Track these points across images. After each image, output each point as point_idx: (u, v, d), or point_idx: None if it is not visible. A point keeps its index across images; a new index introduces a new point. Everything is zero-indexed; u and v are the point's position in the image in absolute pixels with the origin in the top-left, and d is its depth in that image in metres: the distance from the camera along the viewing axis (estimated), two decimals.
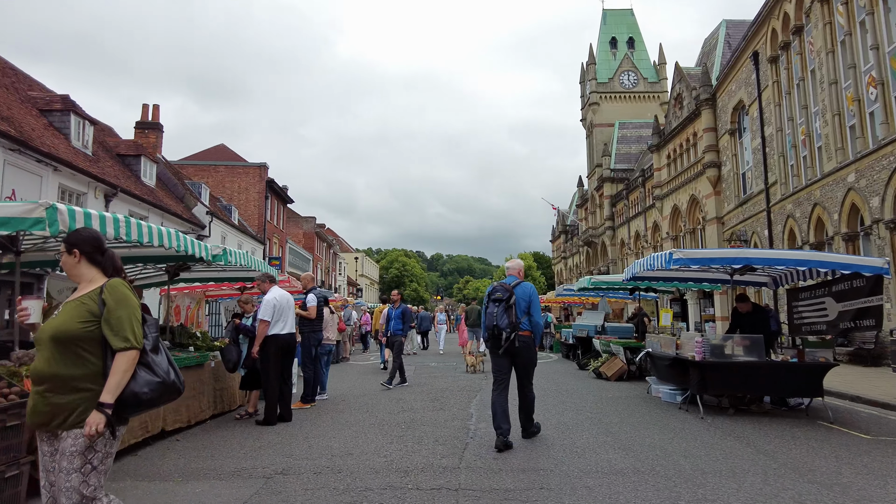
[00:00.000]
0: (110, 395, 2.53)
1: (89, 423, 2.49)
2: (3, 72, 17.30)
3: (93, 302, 2.65)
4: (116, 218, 5.00)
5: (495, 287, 6.34)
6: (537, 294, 6.37)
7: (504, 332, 6.01)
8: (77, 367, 2.57)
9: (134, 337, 2.60)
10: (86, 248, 2.78)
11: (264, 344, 7.29)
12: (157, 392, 2.66)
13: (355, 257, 77.44)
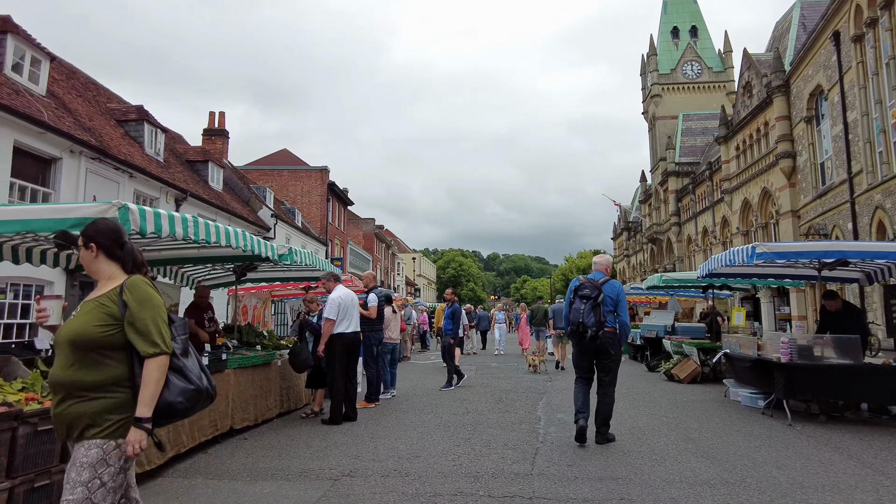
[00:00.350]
0: (147, 407, 2.28)
1: (130, 441, 2.26)
2: (86, 86, 18.31)
3: (112, 303, 2.38)
4: (185, 218, 5.04)
5: (582, 283, 6.13)
6: (625, 293, 6.10)
7: (590, 330, 5.85)
8: (97, 373, 2.32)
9: (163, 340, 2.35)
10: (104, 241, 2.52)
11: (330, 342, 7.28)
12: (192, 400, 2.41)
13: (413, 257, 78.09)
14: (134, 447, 2.26)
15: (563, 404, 8.56)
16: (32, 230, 4.17)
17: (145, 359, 2.32)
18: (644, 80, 53.20)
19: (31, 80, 13.04)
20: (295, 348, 7.61)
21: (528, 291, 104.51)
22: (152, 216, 4.55)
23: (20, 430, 3.68)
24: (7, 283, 11.44)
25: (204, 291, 8.65)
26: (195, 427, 5.64)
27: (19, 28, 12.85)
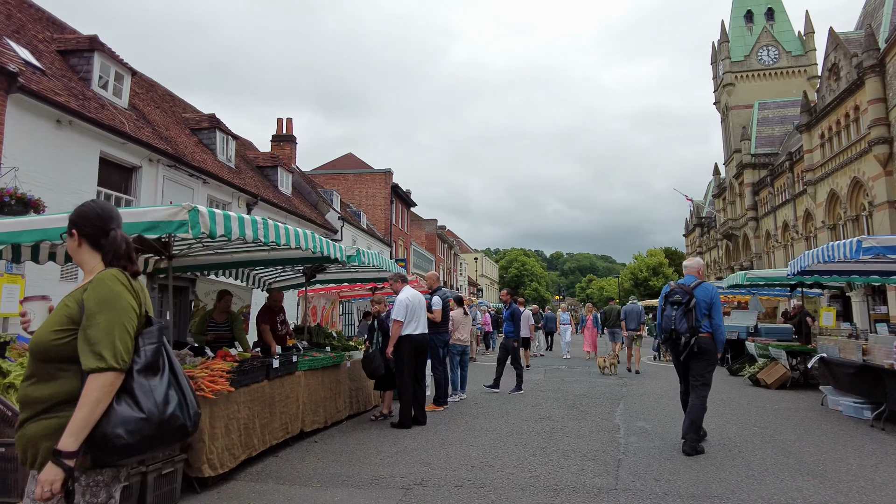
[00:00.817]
0: (72, 438, 1.76)
1: (40, 480, 1.76)
2: (163, 98, 19.21)
3: (75, 303, 1.94)
4: (255, 220, 5.00)
5: (673, 288, 6.04)
6: (719, 296, 5.74)
7: (683, 337, 5.71)
8: (48, 388, 1.88)
9: (113, 353, 1.82)
10: (87, 228, 2.07)
11: (398, 344, 7.15)
12: (137, 434, 1.81)
13: (475, 257, 77.87)
14: (42, 489, 1.75)
15: (642, 411, 8.08)
16: None
17: (87, 375, 1.81)
18: (715, 69, 50.66)
19: (115, 94, 13.72)
20: (369, 355, 7.52)
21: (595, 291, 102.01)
22: (222, 218, 4.52)
23: None
24: None
25: (278, 295, 8.73)
26: (266, 430, 5.62)
27: (105, 46, 13.56)
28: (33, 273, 10.27)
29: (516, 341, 10.85)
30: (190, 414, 1.97)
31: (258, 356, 6.17)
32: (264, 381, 5.70)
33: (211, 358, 5.57)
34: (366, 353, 7.66)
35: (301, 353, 6.98)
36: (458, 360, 9.91)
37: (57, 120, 10.87)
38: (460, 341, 10.03)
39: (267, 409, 5.66)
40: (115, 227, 2.12)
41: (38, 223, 4.33)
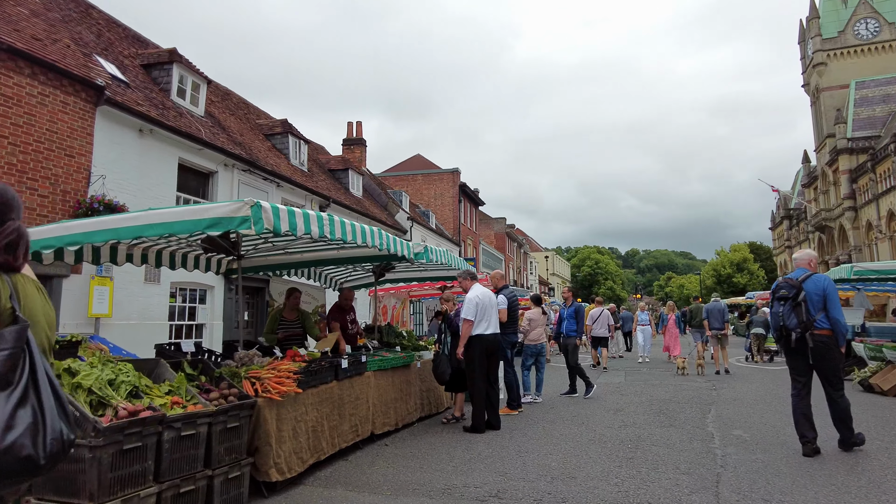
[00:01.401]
0: None
1: None
2: (238, 105, 19.90)
3: None
4: (320, 216, 4.83)
5: (779, 283, 5.68)
6: (834, 287, 5.15)
7: (794, 333, 5.29)
8: None
9: None
10: None
11: (468, 345, 6.84)
12: None
13: (545, 256, 76.49)
14: None
15: (737, 418, 7.34)
16: (174, 232, 4.15)
17: None
18: (803, 49, 47.13)
19: (192, 103, 14.24)
20: (435, 358, 7.27)
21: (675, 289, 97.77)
22: (286, 214, 4.37)
23: (165, 435, 3.61)
24: (176, 288, 12.53)
25: (349, 294, 8.64)
26: (335, 432, 5.45)
27: (182, 57, 14.10)
28: (120, 276, 10.75)
29: (578, 340, 10.35)
30: (45, 443, 1.51)
31: (327, 356, 6.03)
32: (333, 381, 5.54)
33: (279, 358, 5.47)
34: (436, 357, 7.41)
35: (371, 353, 6.81)
36: (531, 362, 9.54)
37: (139, 129, 11.34)
38: (534, 341, 9.60)
39: (336, 411, 5.50)
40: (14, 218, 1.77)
41: (108, 223, 4.34)
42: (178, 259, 7.02)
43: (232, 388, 4.43)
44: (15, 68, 9.20)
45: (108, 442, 3.24)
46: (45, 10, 11.69)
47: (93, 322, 10.07)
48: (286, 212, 4.38)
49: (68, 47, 10.89)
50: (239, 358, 5.14)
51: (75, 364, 3.54)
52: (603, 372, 14.05)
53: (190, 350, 4.98)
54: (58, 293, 9.59)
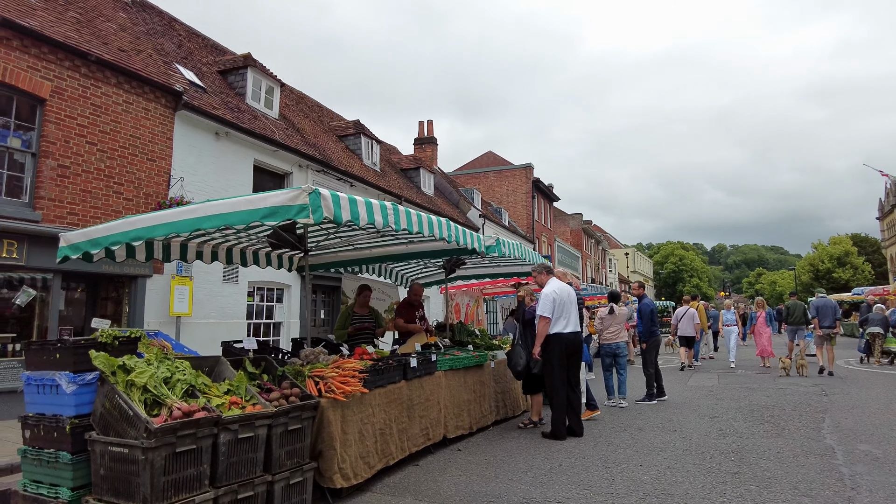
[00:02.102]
0: None
1: None
2: (312, 108, 20.26)
3: None
4: (384, 205, 4.52)
5: None
6: None
7: None
8: None
9: None
10: None
11: (546, 344, 6.34)
12: None
13: (625, 253, 73.67)
14: None
15: (861, 430, 6.39)
16: (230, 224, 3.95)
17: None
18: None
19: (267, 106, 14.53)
20: (509, 353, 6.84)
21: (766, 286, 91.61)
22: (347, 202, 4.07)
23: (221, 437, 3.39)
24: (254, 288, 12.78)
25: (418, 289, 8.35)
26: (404, 435, 5.13)
27: (256, 62, 14.42)
28: (200, 276, 11.04)
29: (642, 342, 9.45)
30: None
31: (395, 354, 5.73)
32: (401, 381, 5.22)
33: (346, 356, 5.21)
34: (509, 350, 6.97)
35: (441, 352, 6.46)
36: (609, 363, 8.83)
37: (216, 132, 11.61)
38: (609, 341, 8.85)
39: (405, 413, 5.18)
40: None
41: (167, 217, 4.21)
42: (249, 256, 6.97)
43: (294, 387, 4.19)
44: (103, 78, 9.61)
45: (160, 444, 3.05)
46: (132, 25, 12.24)
47: (174, 321, 10.37)
48: (347, 200, 4.10)
49: (150, 57, 11.32)
50: (305, 356, 4.93)
51: (131, 361, 3.39)
52: (691, 372, 13.04)
53: (252, 347, 4.80)
54: (142, 293, 9.93)
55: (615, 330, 8.82)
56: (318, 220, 3.73)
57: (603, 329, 8.85)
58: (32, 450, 3.59)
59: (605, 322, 8.83)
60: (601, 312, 9.06)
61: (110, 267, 9.38)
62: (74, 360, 3.43)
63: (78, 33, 9.66)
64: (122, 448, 3.14)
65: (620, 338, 8.81)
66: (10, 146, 8.55)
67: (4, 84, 8.34)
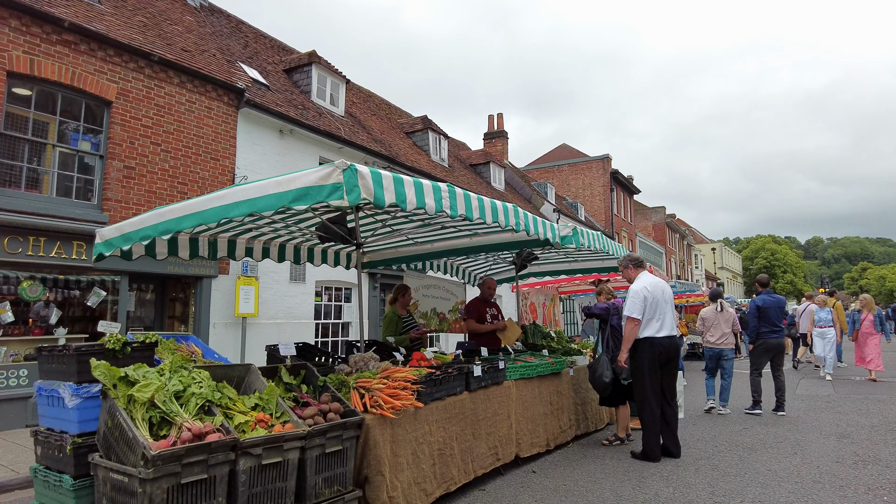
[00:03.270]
0: None
1: None
2: (380, 106, 20.01)
3: None
4: (437, 187, 3.83)
5: None
6: None
7: None
8: None
9: None
10: None
11: (634, 350, 5.43)
12: None
13: (712, 248, 69.41)
14: None
15: None
16: (258, 210, 3.40)
17: None
18: None
19: (332, 104, 14.29)
20: (592, 363, 5.98)
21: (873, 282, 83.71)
22: (391, 182, 3.42)
23: (241, 464, 2.81)
24: (322, 287, 12.50)
25: (492, 283, 7.49)
26: (468, 456, 4.41)
27: (321, 59, 14.20)
28: (266, 275, 10.84)
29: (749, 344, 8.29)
30: None
31: (459, 360, 5.04)
32: (463, 392, 4.51)
33: (400, 362, 4.57)
34: (592, 361, 6.10)
35: (511, 357, 5.69)
36: (712, 366, 8.11)
37: (280, 130, 11.40)
38: (713, 344, 7.98)
39: (469, 430, 4.46)
40: None
41: (195, 206, 3.73)
42: (303, 253, 6.51)
43: (336, 401, 3.58)
44: (166, 78, 9.55)
45: (160, 473, 2.50)
46: (198, 27, 12.29)
47: (240, 321, 10.19)
48: (392, 179, 3.44)
49: (213, 56, 11.26)
50: (354, 362, 4.33)
51: (137, 371, 2.89)
52: (798, 378, 11.50)
53: (289, 353, 4.24)
54: (207, 293, 9.81)
55: (719, 332, 7.88)
56: (354, 201, 3.10)
57: (705, 330, 8.00)
58: (42, 469, 3.18)
59: (708, 322, 7.96)
60: (704, 312, 8.16)
61: (175, 268, 9.30)
62: (78, 370, 2.97)
63: (143, 35, 9.66)
64: (122, 476, 2.63)
65: (727, 344, 7.77)
66: (81, 149, 8.61)
67: (73, 88, 8.39)
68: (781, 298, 8.24)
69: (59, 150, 8.35)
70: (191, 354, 3.83)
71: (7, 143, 7.79)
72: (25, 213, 7.67)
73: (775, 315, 7.79)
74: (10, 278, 7.84)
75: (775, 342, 7.79)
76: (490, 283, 7.43)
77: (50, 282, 8.19)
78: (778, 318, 7.81)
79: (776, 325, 7.77)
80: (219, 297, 9.99)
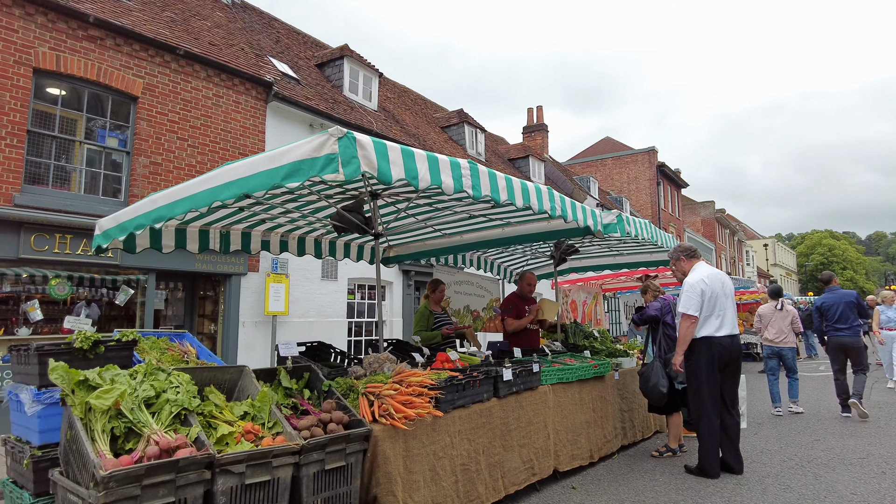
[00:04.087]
0: None
1: None
2: (415, 102, 19.64)
3: None
4: (456, 162, 3.33)
5: None
6: None
7: None
8: None
9: None
10: None
11: (691, 351, 4.79)
12: None
13: (764, 244, 66.37)
14: None
15: None
16: (249, 191, 2.97)
17: None
18: None
19: (365, 97, 13.96)
20: (643, 370, 5.35)
21: None
22: (399, 154, 2.95)
23: (219, 483, 2.38)
24: (355, 285, 12.17)
25: (532, 278, 6.87)
26: (498, 471, 3.89)
27: (353, 52, 13.88)
28: (297, 273, 10.56)
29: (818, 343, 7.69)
30: None
31: (488, 362, 4.52)
32: (492, 399, 3.99)
33: (420, 364, 4.08)
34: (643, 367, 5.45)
35: (549, 360, 5.13)
36: (772, 365, 7.74)
37: (310, 124, 11.11)
38: (773, 342, 7.62)
39: (498, 441, 3.94)
40: None
41: (187, 189, 3.34)
42: (324, 246, 6.11)
43: (341, 408, 3.13)
44: (192, 73, 9.37)
45: (114, 498, 2.08)
46: (228, 22, 12.14)
47: (270, 320, 9.93)
48: (400, 151, 2.97)
49: (242, 50, 11.06)
50: (368, 364, 3.87)
51: (104, 374, 2.49)
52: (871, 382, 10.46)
53: (291, 354, 3.79)
54: (236, 291, 9.58)
55: (778, 330, 7.37)
56: (352, 175, 2.63)
57: (763, 328, 7.59)
58: (9, 483, 2.83)
59: (765, 319, 7.51)
60: (762, 309, 7.74)
61: (203, 265, 9.10)
62: (40, 372, 2.60)
63: (170, 31, 9.50)
64: (77, 498, 2.23)
65: (786, 342, 7.12)
66: (108, 146, 8.48)
67: (99, 84, 8.26)
68: (850, 293, 7.47)
69: (86, 147, 8.23)
70: (183, 355, 3.45)
71: (34, 141, 7.71)
72: (52, 211, 7.56)
73: (841, 312, 7.18)
74: (38, 277, 7.75)
75: (842, 340, 7.20)
76: (530, 279, 6.83)
77: (76, 280, 8.08)
78: (845, 315, 7.19)
79: (842, 323, 7.14)
80: (248, 296, 9.75)
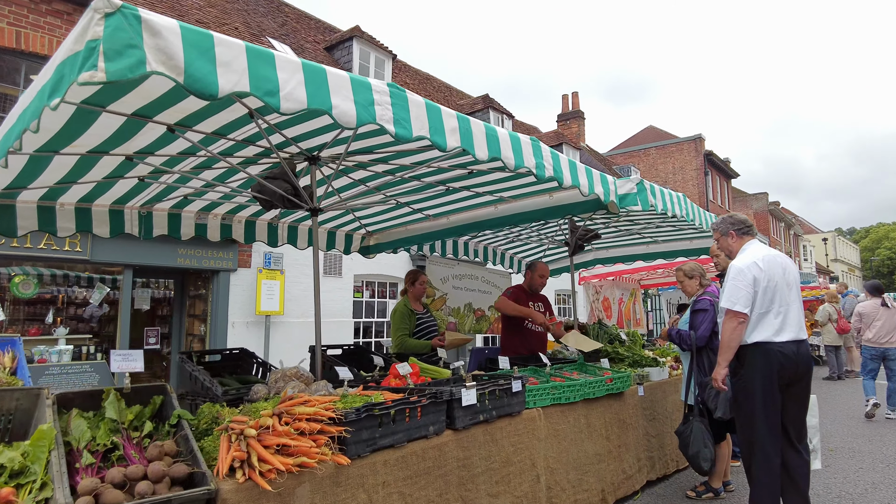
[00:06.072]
0: None
1: None
2: (438, 89, 18.67)
3: None
4: (363, 81, 2.20)
5: None
6: None
7: None
8: None
9: None
10: None
11: (739, 361, 3.49)
12: None
13: (823, 238, 62.32)
14: None
15: None
16: (26, 124, 1.92)
17: None
18: None
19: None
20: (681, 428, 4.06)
21: None
22: (242, 54, 1.84)
23: None
24: (362, 282, 11.17)
25: (542, 268, 5.62)
26: None
27: (364, 33, 12.93)
28: (293, 269, 9.62)
29: None
30: None
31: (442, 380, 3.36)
32: (445, 433, 2.83)
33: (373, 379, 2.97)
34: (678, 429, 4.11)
35: (546, 372, 3.93)
36: (871, 367, 7.59)
37: None
38: (874, 343, 7.44)
39: (454, 492, 2.77)
40: None
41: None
42: (281, 232, 5.09)
43: (184, 454, 2.05)
44: None
45: None
46: (224, 2, 11.35)
47: (262, 320, 9.02)
48: (243, 49, 1.84)
49: (235, 30, 10.23)
50: (274, 381, 2.80)
51: None
52: None
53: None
54: (224, 289, 8.70)
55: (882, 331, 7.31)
56: (122, 75, 1.52)
57: (863, 327, 7.54)
58: None
59: (868, 318, 7.47)
60: (863, 307, 7.64)
61: (186, 260, 8.26)
62: None
63: (151, 7, 8.71)
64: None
65: (893, 342, 7.08)
66: None
67: None
68: None
69: None
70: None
71: None
72: None
73: None
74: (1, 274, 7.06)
75: None
76: (542, 269, 5.55)
77: (46, 277, 7.36)
78: None
79: None
80: (238, 294, 8.87)
